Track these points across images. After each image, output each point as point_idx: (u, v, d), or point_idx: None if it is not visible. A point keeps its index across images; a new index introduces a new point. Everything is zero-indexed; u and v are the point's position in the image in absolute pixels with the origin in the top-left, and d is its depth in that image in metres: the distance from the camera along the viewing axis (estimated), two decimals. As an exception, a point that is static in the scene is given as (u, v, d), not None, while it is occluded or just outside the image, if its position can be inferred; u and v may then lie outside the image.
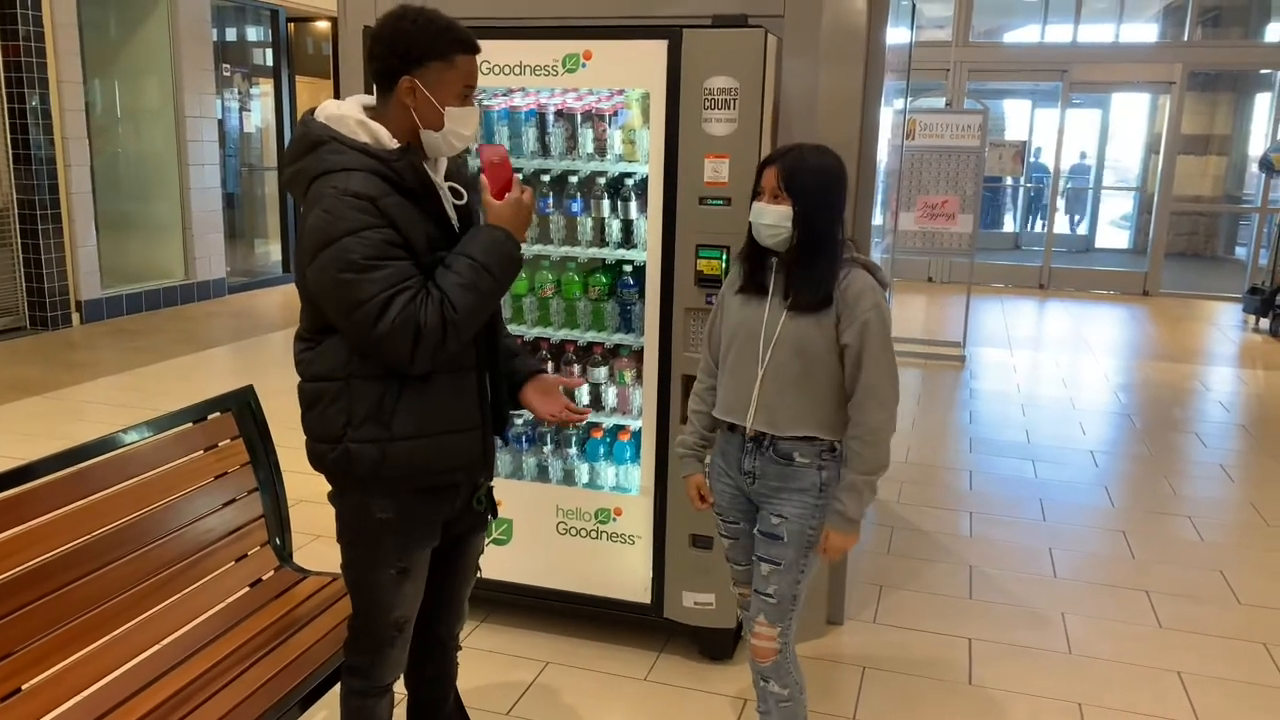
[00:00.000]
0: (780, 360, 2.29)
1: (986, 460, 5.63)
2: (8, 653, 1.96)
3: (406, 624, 2.20)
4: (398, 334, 1.87)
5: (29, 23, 7.89)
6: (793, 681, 2.47)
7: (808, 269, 2.26)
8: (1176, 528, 4.70)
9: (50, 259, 8.28)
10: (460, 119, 2.03)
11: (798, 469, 2.34)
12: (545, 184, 3.30)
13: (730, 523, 2.52)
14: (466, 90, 2.03)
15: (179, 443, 2.50)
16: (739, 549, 2.54)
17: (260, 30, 11.17)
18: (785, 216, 2.23)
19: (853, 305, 2.24)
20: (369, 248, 1.86)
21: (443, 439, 2.05)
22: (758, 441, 2.36)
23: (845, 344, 2.25)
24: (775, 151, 2.32)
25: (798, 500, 2.34)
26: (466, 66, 2.01)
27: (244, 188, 11.45)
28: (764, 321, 2.31)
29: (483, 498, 2.26)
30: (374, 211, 1.87)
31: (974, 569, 4.14)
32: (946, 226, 7.92)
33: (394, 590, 2.13)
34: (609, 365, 3.36)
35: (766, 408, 2.32)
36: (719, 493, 2.51)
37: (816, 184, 2.25)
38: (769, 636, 2.42)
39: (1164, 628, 3.68)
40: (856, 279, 2.27)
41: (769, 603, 2.40)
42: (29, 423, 5.82)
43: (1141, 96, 15.28)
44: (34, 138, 8.04)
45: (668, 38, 2.89)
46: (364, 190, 1.88)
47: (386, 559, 2.10)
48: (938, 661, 3.40)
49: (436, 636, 2.40)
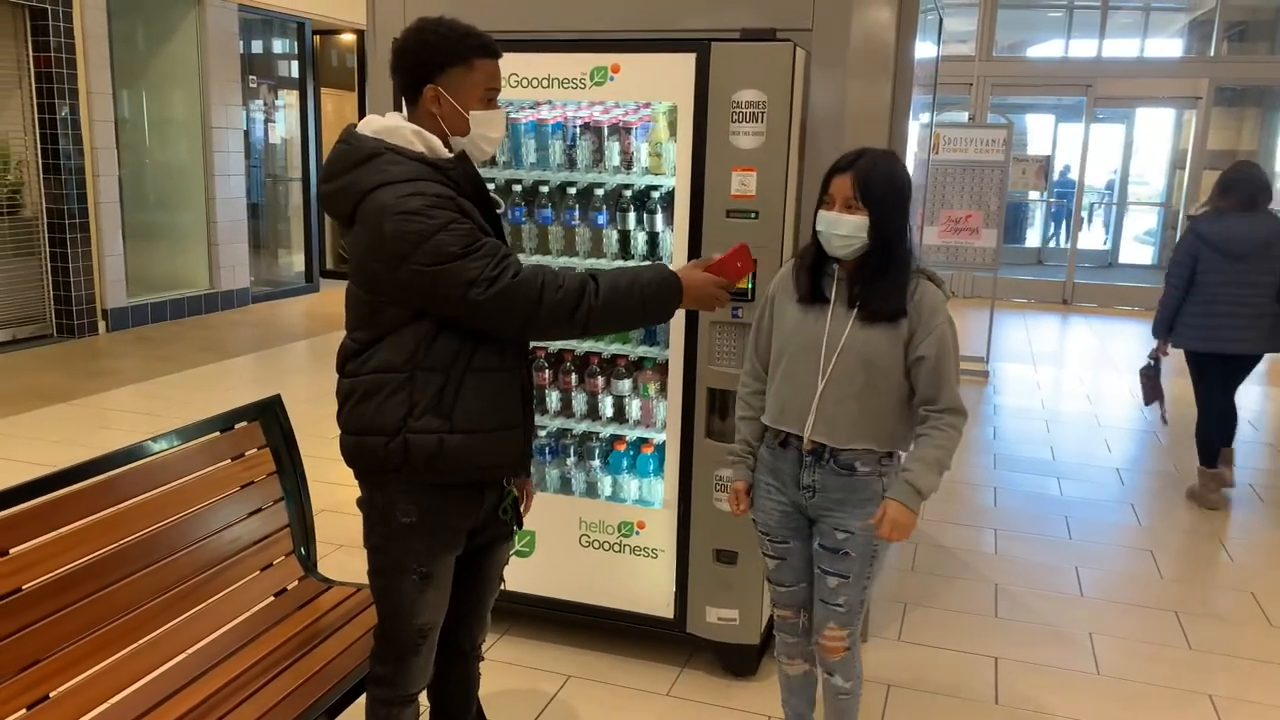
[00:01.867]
0: (845, 370, 2.25)
1: (1011, 477, 5.57)
2: (36, 659, 1.97)
3: (430, 632, 2.19)
4: (521, 288, 1.96)
5: (60, 34, 8.00)
6: (855, 675, 2.48)
7: (879, 278, 2.22)
8: (1206, 547, 4.63)
9: (78, 267, 8.37)
10: (486, 121, 2.08)
11: (860, 479, 2.30)
12: (571, 197, 3.31)
13: (779, 542, 2.46)
14: (489, 93, 2.08)
15: (206, 451, 2.51)
16: (786, 570, 2.48)
17: (286, 42, 11.28)
18: (861, 227, 2.19)
19: (928, 318, 2.22)
20: (463, 236, 1.93)
21: (495, 435, 2.09)
22: (817, 454, 2.32)
23: (920, 356, 2.22)
24: (843, 159, 2.26)
25: (862, 513, 2.30)
26: (487, 69, 2.06)
27: (268, 198, 11.54)
28: (826, 331, 2.27)
29: (509, 507, 2.25)
30: (454, 207, 1.95)
31: (999, 587, 4.10)
32: (970, 241, 7.88)
33: (417, 596, 2.13)
34: (633, 378, 3.35)
35: (826, 419, 2.28)
36: (767, 511, 2.45)
37: (890, 192, 2.21)
38: (839, 638, 2.42)
39: (1194, 649, 3.63)
40: (929, 291, 2.24)
41: (838, 611, 2.39)
42: (56, 430, 5.86)
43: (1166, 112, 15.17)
44: (63, 148, 8.14)
45: (696, 51, 2.89)
46: (432, 191, 1.95)
47: (409, 564, 2.11)
48: (964, 681, 3.36)
49: (459, 646, 2.40)
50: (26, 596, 1.96)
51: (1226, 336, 4.81)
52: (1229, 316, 4.77)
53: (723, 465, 3.06)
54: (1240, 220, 4.74)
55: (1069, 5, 13.47)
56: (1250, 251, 4.71)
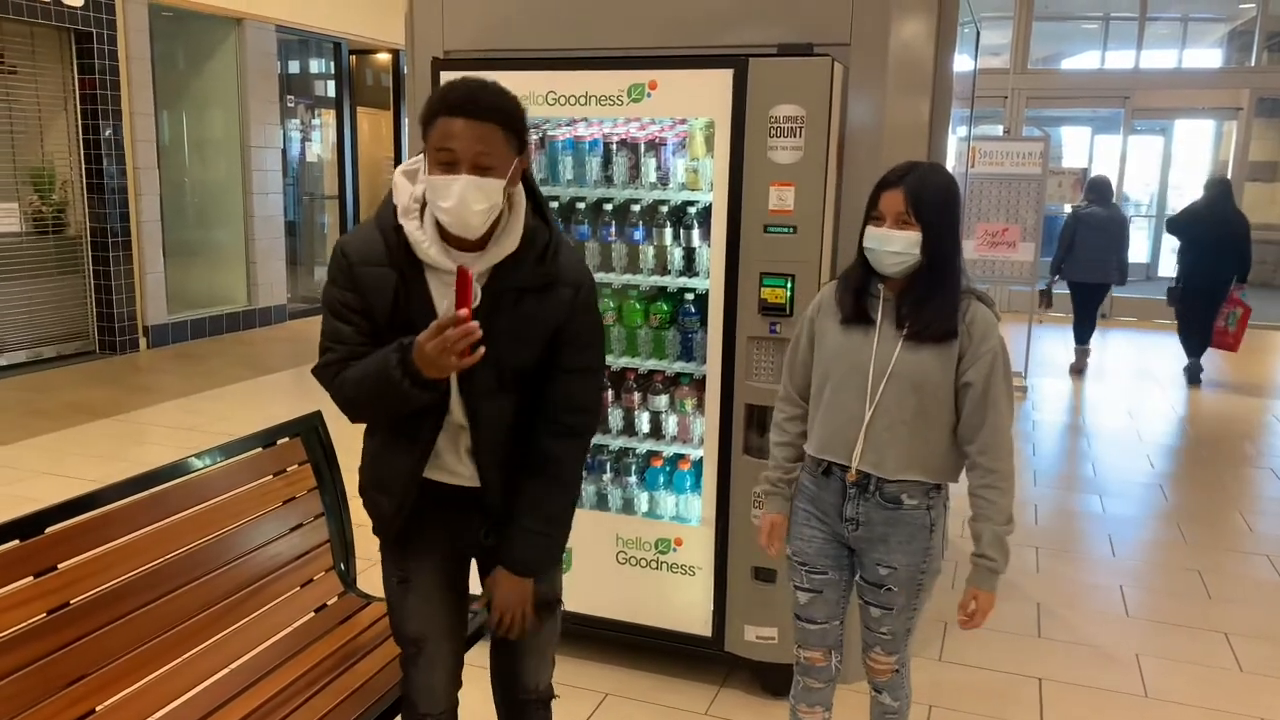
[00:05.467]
0: (894, 396, 2.15)
1: (1052, 494, 5.49)
2: (82, 674, 1.98)
3: (422, 643, 2.13)
4: (321, 378, 1.99)
5: (105, 57, 8.17)
6: (904, 695, 2.42)
7: (930, 298, 2.13)
8: (1254, 566, 4.53)
9: (120, 285, 8.51)
10: (433, 188, 1.82)
11: (907, 512, 2.21)
12: (608, 213, 3.31)
13: (816, 573, 2.34)
14: (439, 154, 1.80)
15: (249, 467, 2.53)
16: (819, 605, 2.35)
17: (322, 62, 11.43)
18: (914, 243, 2.09)
19: (978, 341, 2.13)
20: (330, 299, 1.96)
21: (369, 489, 2.11)
22: (861, 486, 2.22)
23: (968, 382, 2.13)
24: (893, 172, 2.16)
25: (907, 548, 2.22)
26: (442, 129, 1.80)
27: (305, 216, 11.69)
28: (874, 354, 2.17)
29: (490, 531, 2.11)
30: (348, 272, 1.93)
31: (1042, 606, 4.02)
32: (1007, 255, 7.80)
33: (400, 602, 2.14)
34: (670, 393, 3.34)
35: (874, 448, 2.18)
36: (807, 539, 2.34)
37: (943, 207, 2.13)
38: (886, 663, 2.37)
39: (1245, 671, 3.54)
40: (980, 312, 2.16)
41: (884, 638, 2.34)
42: (98, 445, 5.95)
43: (1206, 123, 14.96)
44: (107, 168, 8.30)
45: (733, 67, 2.89)
46: (350, 250, 1.94)
47: (390, 567, 2.15)
48: (1007, 702, 3.30)
49: (522, 686, 2.28)
50: (74, 611, 1.98)
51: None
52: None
53: (761, 482, 3.04)
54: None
55: (1105, 17, 13.36)
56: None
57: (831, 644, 2.39)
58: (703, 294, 3.15)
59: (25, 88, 7.93)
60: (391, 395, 1.85)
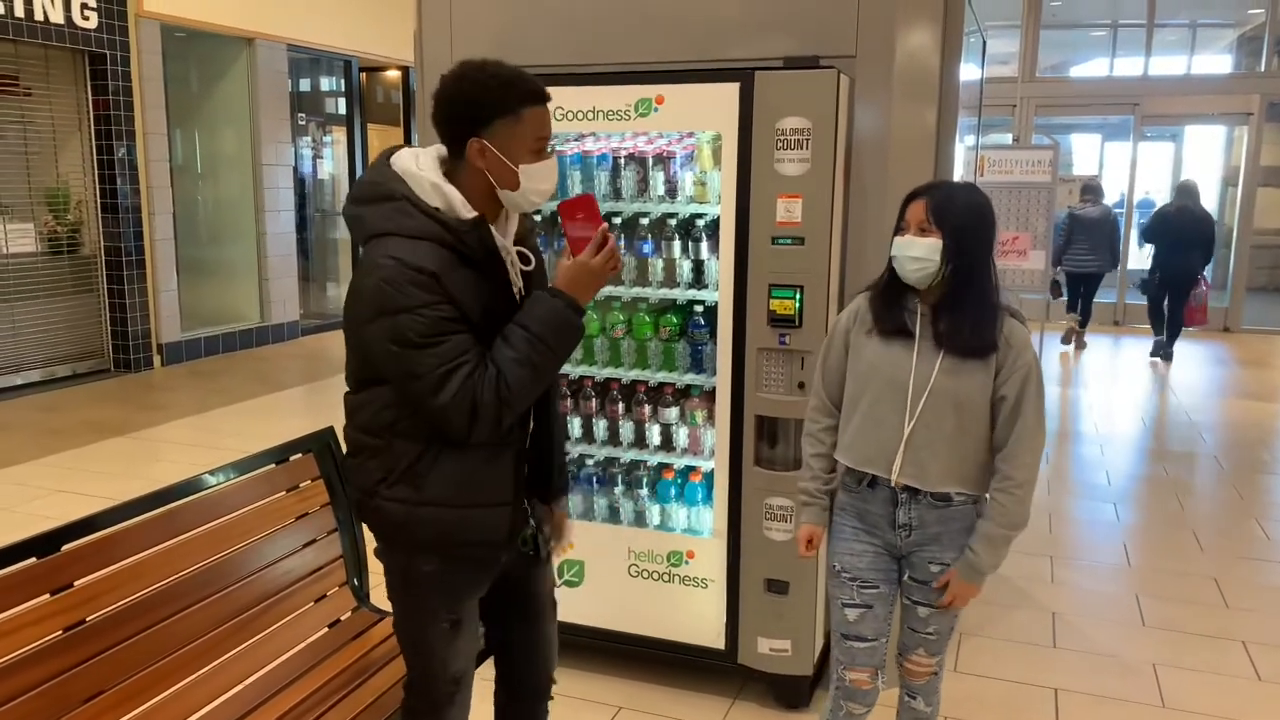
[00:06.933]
0: (934, 413, 2.19)
1: (1066, 502, 5.46)
2: (98, 691, 1.99)
3: (464, 679, 2.12)
4: (454, 409, 1.83)
5: (118, 78, 8.26)
6: (936, 701, 2.45)
7: (962, 310, 2.17)
8: (1272, 574, 4.49)
9: (134, 303, 8.58)
10: (536, 175, 1.91)
11: (958, 509, 2.25)
12: (616, 226, 3.33)
13: (868, 587, 2.32)
14: (539, 143, 1.90)
15: (262, 484, 2.54)
16: (869, 620, 2.33)
17: (333, 80, 11.52)
18: (934, 249, 2.13)
19: (1015, 356, 2.17)
20: (426, 325, 1.80)
21: (470, 511, 1.98)
22: (911, 490, 2.25)
23: (1003, 396, 2.17)
24: (920, 186, 2.24)
25: (959, 543, 2.26)
26: (536, 118, 1.89)
27: (316, 233, 11.75)
28: (913, 369, 2.20)
29: (528, 539, 2.15)
30: (435, 288, 1.81)
31: (1057, 616, 4.00)
32: (1018, 263, 7.78)
33: (448, 645, 2.06)
34: (680, 406, 3.35)
35: (915, 462, 2.21)
36: (858, 554, 2.33)
37: (967, 218, 2.16)
38: (928, 664, 2.39)
39: (1264, 681, 3.51)
40: (1016, 328, 2.20)
41: (929, 639, 2.36)
42: (112, 462, 5.99)
43: (1217, 129, 14.91)
44: (120, 188, 8.37)
45: (739, 80, 2.90)
46: (427, 265, 1.81)
47: (437, 613, 2.04)
48: (1023, 713, 3.28)
49: (535, 685, 2.30)
50: (90, 628, 2.00)
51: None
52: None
53: (773, 493, 3.05)
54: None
55: (1113, 24, 13.34)
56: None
57: (878, 663, 2.38)
58: (712, 306, 3.15)
59: (40, 109, 8.02)
60: (571, 341, 1.95)
